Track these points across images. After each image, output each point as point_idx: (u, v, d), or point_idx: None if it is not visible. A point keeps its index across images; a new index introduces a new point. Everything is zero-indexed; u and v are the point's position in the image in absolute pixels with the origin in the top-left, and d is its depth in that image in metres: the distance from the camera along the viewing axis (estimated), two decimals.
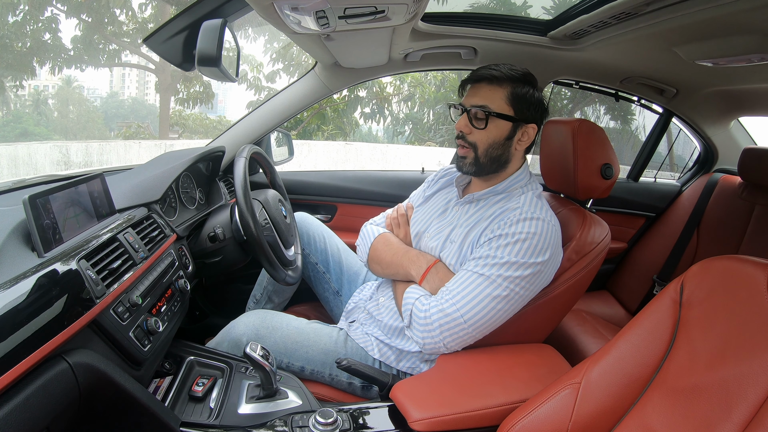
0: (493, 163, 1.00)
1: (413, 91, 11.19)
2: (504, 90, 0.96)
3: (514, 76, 0.96)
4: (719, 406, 0.57)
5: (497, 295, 0.88)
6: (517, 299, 0.91)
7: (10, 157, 8.10)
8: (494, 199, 1.02)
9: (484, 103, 0.96)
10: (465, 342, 0.91)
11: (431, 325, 0.90)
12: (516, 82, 0.96)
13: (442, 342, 0.90)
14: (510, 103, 0.96)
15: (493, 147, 0.98)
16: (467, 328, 0.89)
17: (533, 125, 0.99)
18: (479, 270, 0.90)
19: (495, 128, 0.97)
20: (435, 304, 0.91)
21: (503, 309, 0.90)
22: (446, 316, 0.89)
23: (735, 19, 0.88)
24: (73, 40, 10.93)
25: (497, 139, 0.97)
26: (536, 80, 1.00)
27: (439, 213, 1.09)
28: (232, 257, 1.19)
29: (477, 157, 0.99)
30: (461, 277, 0.91)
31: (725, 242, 1.59)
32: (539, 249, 0.90)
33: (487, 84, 0.97)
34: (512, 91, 0.96)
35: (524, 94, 0.97)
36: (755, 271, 0.62)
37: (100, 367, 0.64)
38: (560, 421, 0.70)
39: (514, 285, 0.89)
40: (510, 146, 0.99)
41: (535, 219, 0.91)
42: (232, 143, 1.53)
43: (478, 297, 0.88)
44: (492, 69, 0.97)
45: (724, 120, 1.75)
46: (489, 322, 0.90)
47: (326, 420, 0.78)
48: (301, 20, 0.88)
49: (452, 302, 0.89)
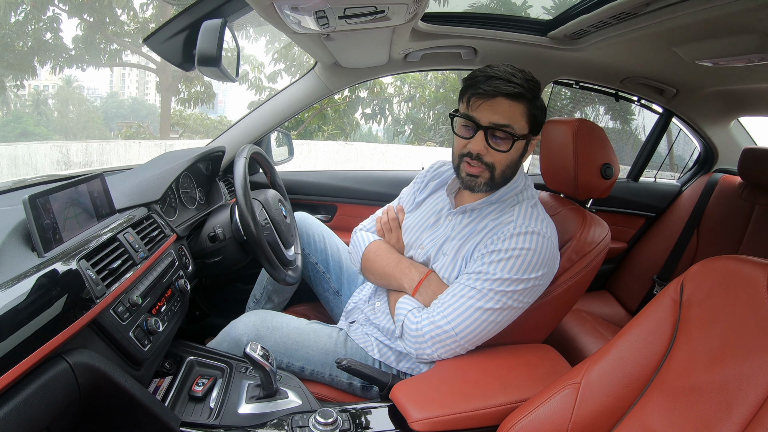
0: (506, 181, 0.96)
1: (414, 92, 11.19)
2: (522, 106, 0.88)
3: (533, 90, 0.88)
4: (719, 406, 0.57)
5: (489, 308, 0.88)
6: (511, 311, 0.90)
7: (10, 157, 8.10)
8: (487, 209, 0.98)
9: (507, 123, 0.87)
10: (457, 353, 0.92)
11: (422, 338, 0.90)
12: (533, 98, 0.89)
13: (436, 354, 0.91)
14: (528, 120, 0.90)
15: (510, 167, 0.93)
16: (459, 341, 0.89)
17: (537, 136, 0.96)
18: (471, 284, 0.89)
19: (515, 150, 0.91)
20: (426, 317, 0.91)
21: (495, 321, 0.89)
22: (438, 328, 0.89)
23: (735, 19, 0.88)
24: (75, 39, 10.93)
25: (514, 159, 0.93)
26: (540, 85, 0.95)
27: (431, 223, 1.06)
28: (232, 257, 1.20)
29: (493, 177, 0.92)
30: (453, 290, 0.91)
31: (725, 242, 1.59)
32: (533, 265, 0.88)
33: (506, 99, 0.87)
34: (530, 107, 0.89)
35: (540, 108, 0.91)
36: (755, 271, 0.62)
37: (100, 367, 0.64)
38: (560, 421, 0.70)
39: (506, 299, 0.89)
40: (521, 162, 0.96)
41: (530, 233, 0.89)
42: (232, 143, 1.53)
43: (469, 310, 0.88)
44: (511, 84, 0.86)
45: (724, 120, 1.75)
46: (481, 335, 0.90)
47: (326, 420, 0.78)
48: (301, 20, 0.88)
49: (443, 315, 0.89)
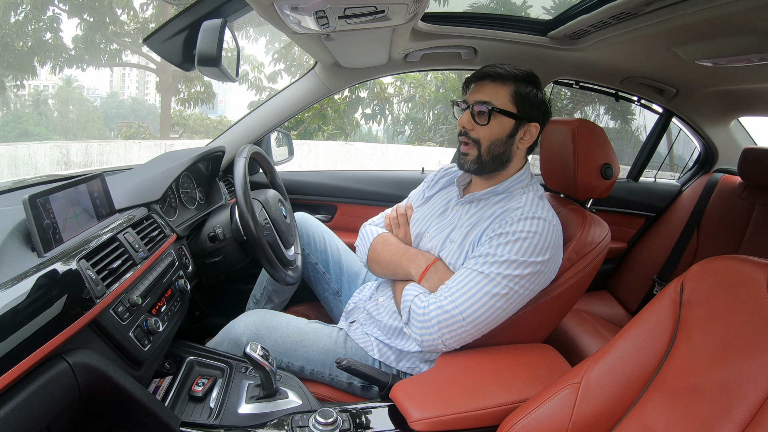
0: (495, 161, 1.00)
1: (414, 92, 11.20)
2: (508, 88, 0.97)
3: (518, 75, 0.97)
4: (719, 406, 0.57)
5: (496, 293, 0.88)
6: (517, 298, 0.90)
7: (10, 157, 8.10)
8: (495, 199, 1.02)
9: (488, 99, 0.97)
10: (463, 340, 0.91)
11: (429, 322, 0.89)
12: (520, 81, 0.97)
13: (441, 339, 0.90)
14: (513, 101, 0.97)
15: (496, 144, 0.98)
16: (466, 326, 0.89)
17: (536, 124, 0.99)
18: (479, 268, 0.90)
19: (498, 125, 0.97)
20: (434, 301, 0.91)
21: (502, 308, 0.90)
22: (445, 313, 0.88)
23: (735, 19, 0.88)
24: (74, 39, 10.93)
25: (500, 136, 0.98)
26: (540, 81, 1.00)
27: (439, 213, 1.10)
28: (232, 257, 1.20)
29: (480, 154, 0.99)
30: (461, 275, 0.91)
31: (725, 242, 1.59)
32: (540, 248, 0.90)
33: (491, 81, 0.98)
34: (516, 90, 0.97)
35: (527, 93, 0.97)
36: (755, 271, 0.62)
37: (100, 367, 0.64)
38: (560, 421, 0.70)
39: (513, 284, 0.89)
40: (512, 144, 0.99)
41: (537, 218, 0.92)
42: (232, 143, 1.53)
43: (477, 295, 0.88)
44: (497, 67, 0.98)
45: (724, 120, 1.75)
46: (488, 321, 0.89)
47: (326, 420, 0.78)
48: (301, 20, 0.88)
49: (451, 299, 0.89)
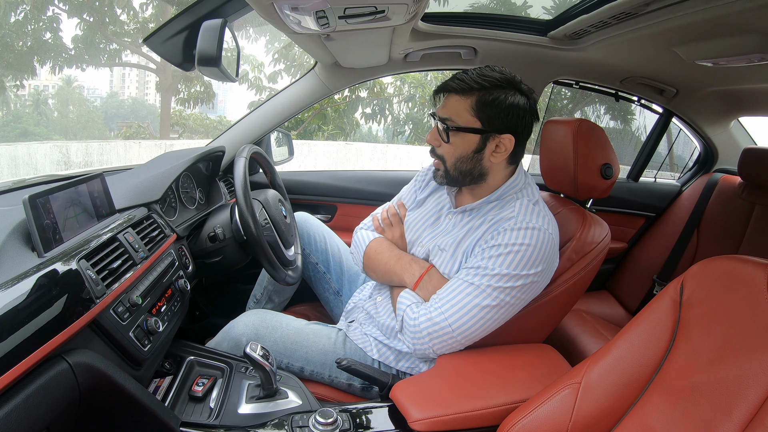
0: (465, 177, 0.96)
1: (414, 92, 11.19)
2: (468, 100, 0.90)
3: (482, 84, 0.89)
4: (719, 406, 0.57)
5: (486, 305, 0.88)
6: (508, 308, 0.90)
7: (10, 157, 8.09)
8: (487, 207, 0.98)
9: (449, 116, 0.92)
10: (453, 348, 0.92)
11: (420, 333, 0.90)
12: (484, 90, 0.89)
13: (432, 349, 0.91)
14: (475, 114, 0.90)
15: (461, 161, 0.94)
16: (456, 336, 0.89)
17: (509, 136, 0.91)
18: (470, 279, 0.89)
19: (461, 141, 0.92)
20: (424, 312, 0.91)
21: (492, 318, 0.89)
22: (435, 324, 0.89)
23: (735, 19, 0.88)
24: (74, 39, 10.91)
25: (464, 153, 0.93)
26: (518, 83, 0.92)
27: (432, 221, 1.07)
28: (232, 257, 1.20)
29: (446, 169, 0.96)
30: (452, 286, 0.91)
31: (725, 242, 1.59)
32: (533, 261, 0.88)
33: (454, 94, 0.92)
34: (478, 101, 0.89)
35: (493, 101, 0.89)
36: (755, 271, 0.62)
37: (100, 367, 0.64)
38: (560, 421, 0.70)
39: (504, 295, 0.88)
40: (481, 160, 0.93)
41: (530, 229, 0.89)
42: (232, 143, 1.53)
43: (466, 306, 0.88)
44: (458, 78, 0.91)
45: (724, 120, 1.75)
46: (477, 331, 0.90)
47: (326, 420, 0.78)
48: (301, 20, 0.88)
49: (440, 311, 0.89)
